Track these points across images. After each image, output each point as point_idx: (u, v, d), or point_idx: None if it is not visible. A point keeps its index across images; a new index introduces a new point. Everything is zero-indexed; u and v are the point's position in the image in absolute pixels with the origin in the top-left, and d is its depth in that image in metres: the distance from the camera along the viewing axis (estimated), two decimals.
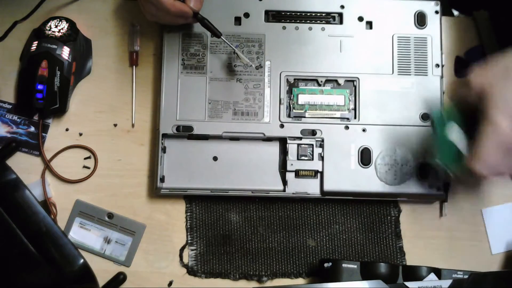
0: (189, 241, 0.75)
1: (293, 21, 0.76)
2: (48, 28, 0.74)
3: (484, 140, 0.61)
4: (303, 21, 0.76)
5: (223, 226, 0.75)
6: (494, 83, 0.61)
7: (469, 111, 0.64)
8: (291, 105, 0.74)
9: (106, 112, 0.77)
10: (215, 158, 0.74)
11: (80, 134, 0.76)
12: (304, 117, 0.74)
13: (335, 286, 0.68)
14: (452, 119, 0.65)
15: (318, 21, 0.76)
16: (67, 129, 0.76)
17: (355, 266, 0.70)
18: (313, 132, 0.74)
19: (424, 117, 0.74)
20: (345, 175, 0.73)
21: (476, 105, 0.62)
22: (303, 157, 0.73)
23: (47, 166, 0.75)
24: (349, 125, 0.74)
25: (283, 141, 0.74)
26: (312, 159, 0.73)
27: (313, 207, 0.76)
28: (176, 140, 0.74)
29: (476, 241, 0.76)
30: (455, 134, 0.65)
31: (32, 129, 0.76)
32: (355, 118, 0.74)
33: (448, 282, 0.68)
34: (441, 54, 0.75)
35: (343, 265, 0.70)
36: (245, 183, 0.73)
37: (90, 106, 0.77)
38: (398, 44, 0.75)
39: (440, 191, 0.73)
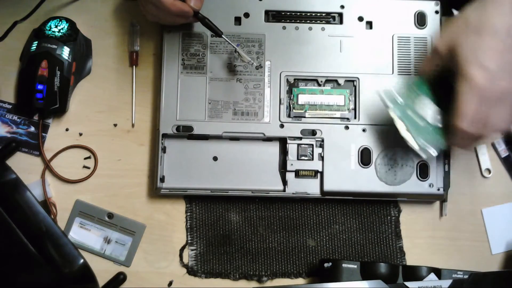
0: (189, 241, 0.75)
1: (293, 21, 0.76)
2: (48, 28, 0.74)
3: (463, 97, 0.61)
4: (303, 21, 0.76)
5: (223, 226, 0.75)
6: (459, 41, 0.62)
7: (440, 81, 0.65)
8: (291, 105, 0.74)
9: (106, 112, 0.77)
10: (215, 158, 0.74)
11: (80, 134, 0.76)
12: (304, 117, 0.74)
13: (335, 286, 0.68)
14: (422, 93, 0.66)
15: (318, 21, 0.76)
16: (67, 129, 0.76)
17: (355, 266, 0.70)
18: (313, 132, 0.74)
19: None
20: (345, 175, 0.73)
21: (447, 71, 0.64)
22: (303, 157, 0.73)
23: (47, 166, 0.75)
24: (349, 125, 0.74)
25: (283, 141, 0.74)
26: (312, 159, 0.73)
27: (313, 207, 0.76)
28: (176, 140, 0.74)
29: (476, 241, 0.76)
30: (427, 107, 0.65)
31: (32, 129, 0.76)
32: (355, 118, 0.74)
33: (448, 282, 0.68)
34: None
35: (343, 265, 0.70)
36: (245, 183, 0.73)
37: (90, 106, 0.77)
38: (398, 44, 0.75)
39: (440, 191, 0.73)
